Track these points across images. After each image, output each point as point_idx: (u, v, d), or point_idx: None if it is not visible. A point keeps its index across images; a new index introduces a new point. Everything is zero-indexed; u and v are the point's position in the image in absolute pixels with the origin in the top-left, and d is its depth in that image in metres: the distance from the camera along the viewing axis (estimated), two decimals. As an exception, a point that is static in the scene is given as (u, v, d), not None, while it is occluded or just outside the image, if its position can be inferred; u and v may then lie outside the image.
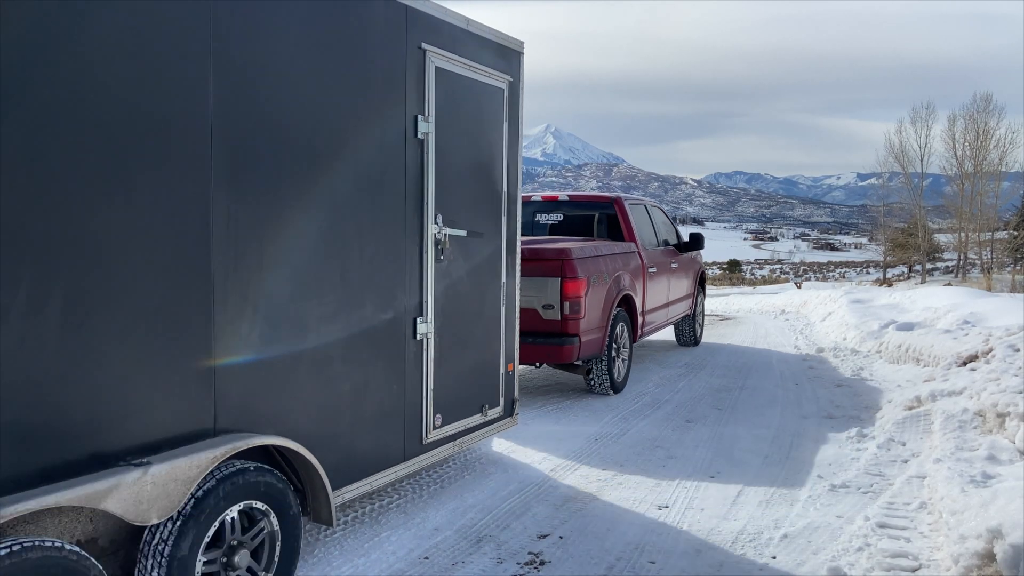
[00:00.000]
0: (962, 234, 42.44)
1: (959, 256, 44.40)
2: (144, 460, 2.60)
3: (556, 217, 8.61)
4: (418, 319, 4.04)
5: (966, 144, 41.51)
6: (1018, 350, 6.75)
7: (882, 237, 49.50)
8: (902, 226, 47.18)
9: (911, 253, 45.76)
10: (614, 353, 7.25)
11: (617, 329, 7.33)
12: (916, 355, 8.39)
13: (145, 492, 2.55)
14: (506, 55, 4.81)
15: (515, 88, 4.91)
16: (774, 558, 3.66)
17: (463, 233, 4.39)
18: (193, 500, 2.71)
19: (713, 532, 3.97)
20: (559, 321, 6.54)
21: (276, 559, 3.07)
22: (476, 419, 4.63)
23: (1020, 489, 3.66)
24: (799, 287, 23.07)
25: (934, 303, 10.88)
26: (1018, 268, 38.24)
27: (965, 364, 7.15)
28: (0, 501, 2.19)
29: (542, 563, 3.58)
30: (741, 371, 8.63)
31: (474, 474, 4.88)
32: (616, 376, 7.31)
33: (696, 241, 10.03)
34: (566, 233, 8.43)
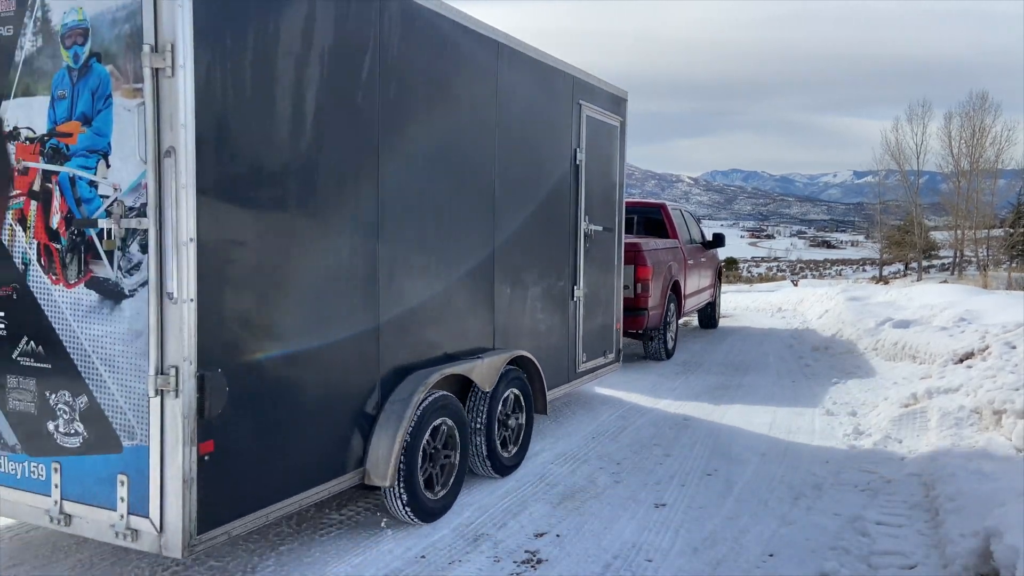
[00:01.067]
0: (958, 231, 42.51)
1: (955, 253, 44.47)
2: (480, 356, 4.60)
3: None
4: (575, 286, 6.02)
5: (962, 142, 41.56)
6: (1014, 347, 6.75)
7: (879, 235, 49.55)
8: (899, 224, 47.22)
9: (907, 251, 45.80)
10: (667, 326, 9.12)
11: (670, 307, 9.14)
12: (912, 352, 8.39)
13: (483, 372, 4.53)
14: (618, 102, 6.78)
15: (623, 125, 6.90)
16: (771, 555, 3.65)
17: (600, 228, 6.38)
18: (499, 380, 4.67)
19: (711, 530, 3.96)
20: (634, 298, 8.32)
21: (523, 426, 5.05)
22: (600, 360, 6.56)
23: (1017, 487, 3.66)
24: (796, 285, 23.10)
25: (930, 300, 10.87)
26: (1014, 265, 38.31)
27: (961, 361, 7.16)
28: (444, 367, 4.19)
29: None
30: (739, 368, 8.64)
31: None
32: (668, 344, 9.22)
33: (718, 240, 11.86)
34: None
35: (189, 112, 2.78)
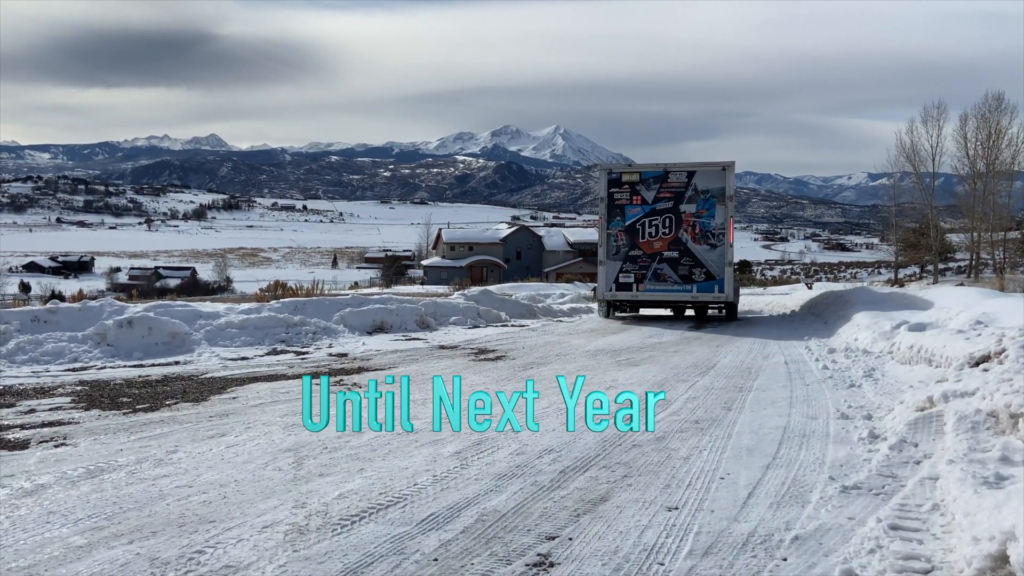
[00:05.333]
0: (974, 234, 42.12)
1: (971, 256, 44.09)
2: (724, 295, 16.88)
3: None
4: (727, 262, 16.57)
5: (978, 143, 41.15)
6: (1032, 350, 6.68)
7: (894, 237, 49.22)
8: (914, 226, 46.86)
9: (923, 253, 45.50)
10: None
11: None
12: (928, 356, 8.32)
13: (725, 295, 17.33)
14: (732, 170, 17.06)
15: (733, 190, 17.49)
16: (785, 560, 3.63)
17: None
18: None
19: (723, 534, 3.95)
20: None
21: (735, 307, 17.68)
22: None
23: (1034, 491, 3.62)
24: (810, 287, 22.97)
25: (946, 303, 10.79)
26: (1031, 268, 37.88)
27: (978, 365, 7.09)
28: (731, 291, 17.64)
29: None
30: (751, 372, 8.60)
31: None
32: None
33: None
34: None
35: (732, 207, 16.63)
